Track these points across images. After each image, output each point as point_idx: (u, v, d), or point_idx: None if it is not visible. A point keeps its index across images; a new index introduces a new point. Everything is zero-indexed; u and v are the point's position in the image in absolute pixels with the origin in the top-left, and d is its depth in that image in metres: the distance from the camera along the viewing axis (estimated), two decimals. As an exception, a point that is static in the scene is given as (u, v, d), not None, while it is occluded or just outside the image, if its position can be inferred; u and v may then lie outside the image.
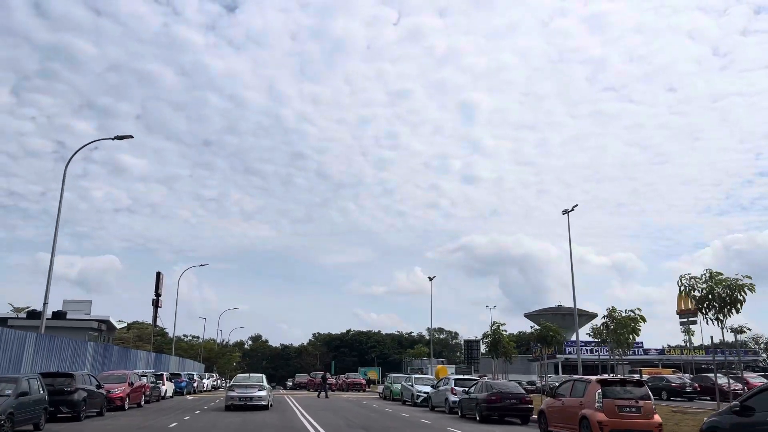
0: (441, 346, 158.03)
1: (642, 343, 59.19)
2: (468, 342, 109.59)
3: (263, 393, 25.01)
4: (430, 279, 57.47)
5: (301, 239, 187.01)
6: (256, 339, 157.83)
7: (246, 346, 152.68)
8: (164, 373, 35.82)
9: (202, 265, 55.33)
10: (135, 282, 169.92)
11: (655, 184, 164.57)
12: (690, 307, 52.10)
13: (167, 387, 35.55)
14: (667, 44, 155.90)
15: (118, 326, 70.34)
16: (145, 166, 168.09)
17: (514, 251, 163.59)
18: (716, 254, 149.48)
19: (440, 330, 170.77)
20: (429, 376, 34.69)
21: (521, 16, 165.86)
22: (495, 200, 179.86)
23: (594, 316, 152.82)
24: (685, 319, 62.37)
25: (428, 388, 30.51)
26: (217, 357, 79.45)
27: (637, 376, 46.45)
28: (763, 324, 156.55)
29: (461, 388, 25.04)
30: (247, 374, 28.69)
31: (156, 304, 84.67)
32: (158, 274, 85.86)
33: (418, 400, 30.64)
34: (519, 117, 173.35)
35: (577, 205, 32.07)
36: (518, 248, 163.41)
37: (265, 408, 25.10)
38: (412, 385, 31.90)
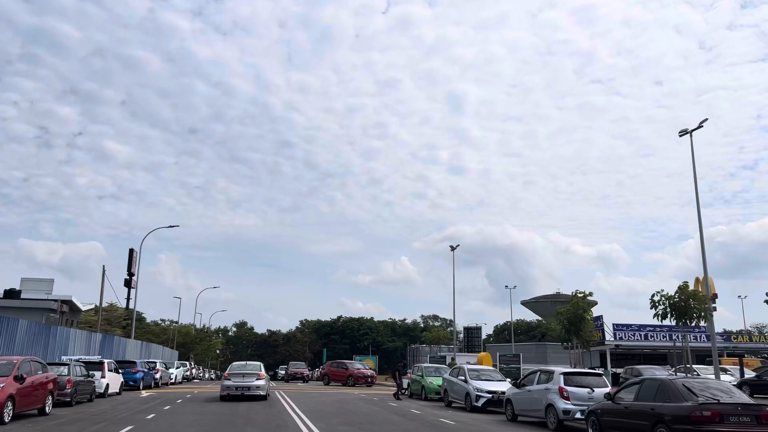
0: (436, 334, 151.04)
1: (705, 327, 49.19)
2: (468, 329, 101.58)
3: (261, 382, 23.71)
4: (453, 248, 47.17)
5: (288, 228, 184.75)
6: (241, 326, 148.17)
7: (230, 333, 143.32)
8: (105, 361, 25.25)
9: (171, 227, 44.70)
10: (119, 269, 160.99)
11: (640, 177, 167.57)
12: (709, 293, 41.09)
13: (110, 380, 25.07)
14: (655, 38, 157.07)
15: (84, 308, 60.81)
16: (130, 153, 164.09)
17: (501, 242, 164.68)
18: (699, 246, 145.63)
19: (435, 317, 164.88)
20: (488, 368, 24.31)
21: (510, 8, 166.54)
22: (482, 191, 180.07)
23: (594, 303, 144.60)
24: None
25: (498, 386, 20.39)
26: (194, 343, 68.71)
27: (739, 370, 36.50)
28: (752, 316, 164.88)
29: (580, 389, 14.87)
30: (243, 362, 26.32)
31: (129, 284, 74.46)
32: (131, 251, 75.48)
33: (479, 403, 20.44)
34: (506, 109, 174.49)
35: (706, 120, 21.89)
36: (504, 239, 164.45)
37: (263, 398, 23.55)
38: (465, 381, 21.63)
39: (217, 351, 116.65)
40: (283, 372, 55.04)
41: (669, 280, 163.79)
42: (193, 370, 54.48)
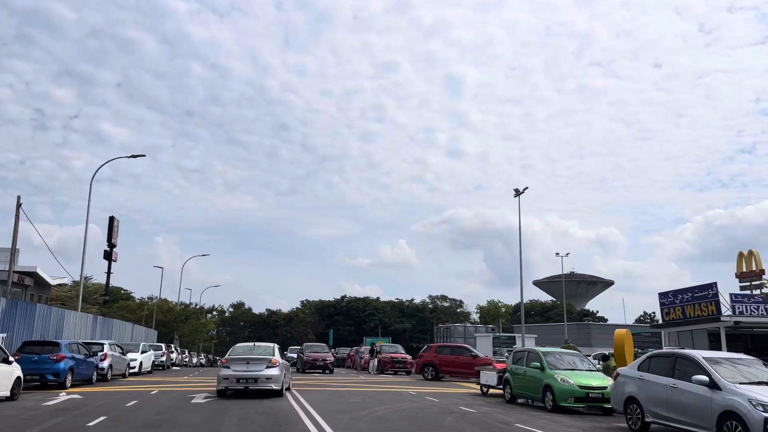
0: (447, 314, 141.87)
1: None
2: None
3: (274, 371, 16.48)
4: (518, 193, 35.22)
5: (286, 212, 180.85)
6: (238, 306, 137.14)
7: (227, 314, 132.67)
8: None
9: (132, 156, 32.57)
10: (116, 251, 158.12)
11: (639, 160, 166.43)
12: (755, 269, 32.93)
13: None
14: (654, 20, 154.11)
15: (54, 282, 50.04)
16: (127, 135, 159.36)
17: (498, 225, 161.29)
18: (698, 230, 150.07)
19: (444, 297, 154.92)
20: (740, 356, 12.27)
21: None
22: (480, 174, 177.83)
23: (611, 283, 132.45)
24: (747, 283, 39.84)
25: None
26: (178, 321, 56.86)
27: None
28: None
29: None
30: (250, 343, 18.77)
31: (109, 256, 63.79)
32: (111, 219, 65.38)
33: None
34: (505, 91, 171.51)
35: None
36: (502, 222, 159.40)
37: (277, 394, 16.50)
38: (713, 385, 9.80)
39: (212, 332, 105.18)
40: (294, 356, 37.87)
41: (667, 264, 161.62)
42: (174, 354, 42.80)
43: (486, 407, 15.68)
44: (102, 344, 23.38)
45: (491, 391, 20.33)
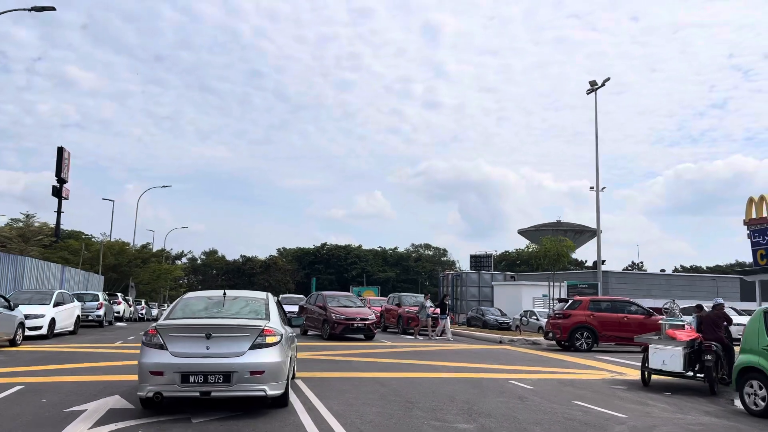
0: (432, 263, 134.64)
1: None
2: (476, 257, 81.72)
3: (269, 356, 7.03)
4: (593, 88, 25.59)
5: (260, 161, 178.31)
6: (211, 254, 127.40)
7: (198, 261, 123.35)
8: None
9: (35, 9, 21.22)
10: (86, 200, 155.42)
11: (613, 114, 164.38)
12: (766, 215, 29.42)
13: None
14: None
15: None
16: (94, 80, 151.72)
17: (474, 177, 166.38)
18: (667, 183, 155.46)
19: (427, 246, 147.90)
20: None
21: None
22: (455, 126, 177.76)
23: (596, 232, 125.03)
24: (758, 230, 31.85)
25: None
26: (133, 266, 46.97)
27: None
28: (711, 252, 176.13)
29: None
30: (218, 292, 8.36)
31: (59, 193, 54.07)
32: (60, 150, 55.65)
33: None
34: (483, 41, 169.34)
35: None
36: (477, 174, 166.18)
37: (278, 403, 7.41)
38: None
39: (182, 280, 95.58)
40: (296, 311, 22.33)
41: (636, 216, 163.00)
42: (122, 306, 33.26)
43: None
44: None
45: (653, 377, 11.28)
